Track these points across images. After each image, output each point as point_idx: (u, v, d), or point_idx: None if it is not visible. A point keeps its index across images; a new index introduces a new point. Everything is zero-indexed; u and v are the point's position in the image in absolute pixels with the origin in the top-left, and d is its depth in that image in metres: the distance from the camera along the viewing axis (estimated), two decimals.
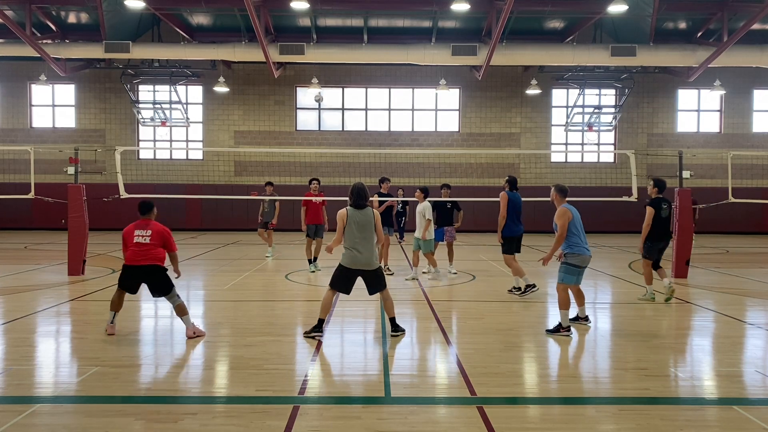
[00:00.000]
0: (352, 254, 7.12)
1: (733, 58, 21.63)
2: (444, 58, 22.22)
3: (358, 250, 7.10)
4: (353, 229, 7.12)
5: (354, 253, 7.11)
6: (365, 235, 7.12)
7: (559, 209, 7.78)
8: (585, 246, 7.66)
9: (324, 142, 26.95)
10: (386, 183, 13.50)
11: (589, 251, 7.69)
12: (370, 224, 7.17)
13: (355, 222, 7.13)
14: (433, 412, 4.98)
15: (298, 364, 6.30)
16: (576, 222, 7.67)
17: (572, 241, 7.61)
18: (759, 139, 27.08)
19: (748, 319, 8.67)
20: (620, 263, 15.29)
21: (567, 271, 7.61)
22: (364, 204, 7.24)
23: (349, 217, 7.14)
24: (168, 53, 23.16)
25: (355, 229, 7.11)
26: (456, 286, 11.50)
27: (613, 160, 26.99)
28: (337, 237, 7.20)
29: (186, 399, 5.21)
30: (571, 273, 7.61)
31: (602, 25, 24.31)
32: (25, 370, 5.99)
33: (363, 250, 7.11)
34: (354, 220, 7.13)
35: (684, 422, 4.73)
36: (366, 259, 7.13)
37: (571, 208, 7.79)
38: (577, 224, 7.68)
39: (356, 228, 7.11)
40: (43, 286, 10.98)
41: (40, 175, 15.70)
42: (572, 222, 7.63)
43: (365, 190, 7.29)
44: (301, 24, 24.03)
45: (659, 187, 9.92)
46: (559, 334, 7.42)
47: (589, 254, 7.68)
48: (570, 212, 7.68)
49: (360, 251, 7.10)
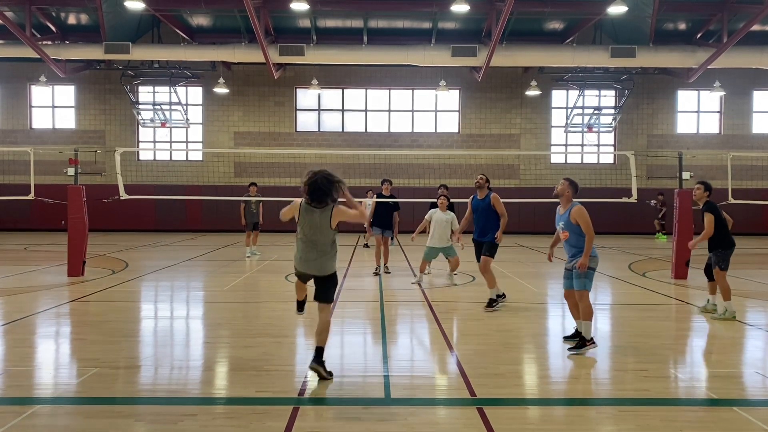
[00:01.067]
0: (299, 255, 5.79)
1: (733, 59, 21.64)
2: (444, 60, 22.23)
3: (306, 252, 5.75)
4: (305, 227, 5.75)
5: (302, 255, 5.77)
6: (317, 238, 5.72)
7: (580, 208, 6.87)
8: (595, 247, 6.98)
9: (324, 143, 26.96)
10: (387, 185, 13.45)
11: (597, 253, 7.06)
12: (326, 226, 5.70)
13: (307, 221, 5.73)
14: (433, 413, 4.98)
15: (298, 365, 6.30)
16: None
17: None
18: (759, 140, 27.08)
19: (748, 320, 8.67)
20: (620, 264, 15.29)
21: (589, 277, 6.84)
22: (324, 201, 5.70)
23: (301, 212, 5.76)
24: (168, 54, 23.17)
25: (307, 228, 5.73)
26: (456, 287, 11.50)
27: (613, 161, 27.00)
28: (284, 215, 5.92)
29: (186, 400, 5.21)
30: (592, 278, 6.90)
31: (602, 27, 24.31)
32: (25, 371, 5.98)
33: (312, 255, 5.73)
34: (306, 217, 5.73)
35: (684, 423, 4.73)
36: (316, 265, 5.77)
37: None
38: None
39: (308, 227, 5.73)
40: (43, 287, 10.98)
41: (39, 176, 15.71)
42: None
43: (328, 182, 5.68)
44: (301, 25, 24.05)
45: (710, 190, 9.09)
46: (586, 348, 6.64)
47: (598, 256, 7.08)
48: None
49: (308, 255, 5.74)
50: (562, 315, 9.21)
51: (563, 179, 7.30)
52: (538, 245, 19.92)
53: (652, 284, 11.91)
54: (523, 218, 25.72)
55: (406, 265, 14.58)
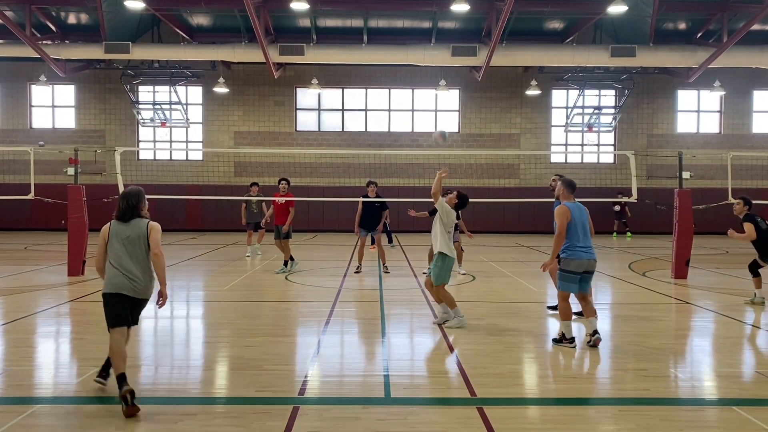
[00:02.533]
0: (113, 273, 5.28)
1: (733, 58, 21.64)
2: (444, 59, 22.23)
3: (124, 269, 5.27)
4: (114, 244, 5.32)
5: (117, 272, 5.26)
6: (133, 251, 5.31)
7: (560, 208, 7.00)
8: (583, 249, 6.87)
9: (324, 142, 26.96)
10: (372, 186, 13.28)
11: (588, 254, 6.90)
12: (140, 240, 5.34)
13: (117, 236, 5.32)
14: (433, 412, 4.98)
15: (298, 364, 6.31)
16: (576, 222, 6.91)
17: (567, 244, 6.91)
18: (759, 139, 27.07)
19: (748, 319, 8.67)
20: (620, 264, 15.29)
21: (562, 278, 6.96)
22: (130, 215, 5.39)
23: (111, 232, 5.36)
24: (168, 54, 23.16)
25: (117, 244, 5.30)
26: (456, 286, 11.50)
27: (613, 161, 26.99)
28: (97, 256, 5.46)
29: (186, 400, 5.21)
30: (567, 280, 6.91)
31: (602, 26, 24.30)
32: (25, 370, 5.99)
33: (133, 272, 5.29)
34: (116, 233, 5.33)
35: (684, 423, 4.73)
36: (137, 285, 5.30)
37: (573, 206, 7.02)
38: (578, 225, 6.91)
39: (119, 243, 5.30)
40: (43, 286, 10.98)
41: (39, 175, 15.70)
42: (571, 222, 6.89)
43: (136, 197, 5.47)
44: (301, 24, 24.04)
45: (749, 204, 9.95)
46: (562, 345, 6.89)
47: (587, 258, 6.89)
48: (570, 211, 6.92)
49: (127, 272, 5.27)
50: None
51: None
52: (538, 245, 19.92)
53: (652, 284, 11.92)
54: (523, 218, 25.75)
55: (407, 264, 14.59)
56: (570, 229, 6.90)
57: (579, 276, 6.91)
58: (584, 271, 6.94)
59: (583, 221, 7.03)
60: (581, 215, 7.04)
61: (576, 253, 6.85)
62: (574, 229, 6.92)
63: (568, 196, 7.15)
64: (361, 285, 11.56)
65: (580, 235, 6.94)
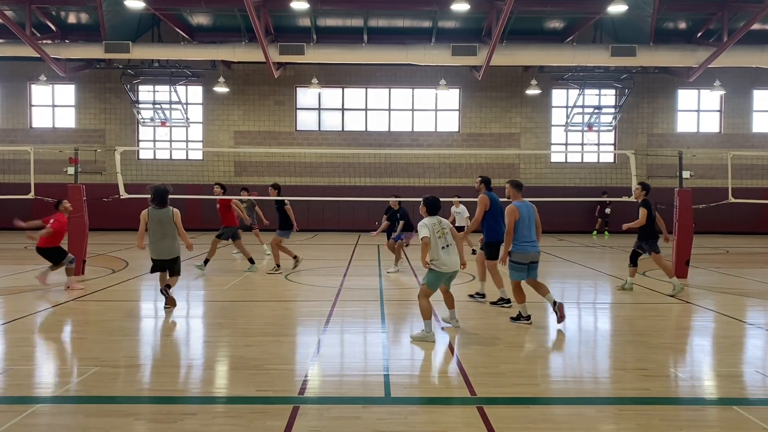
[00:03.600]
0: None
1: (733, 58, 21.63)
2: (444, 59, 22.22)
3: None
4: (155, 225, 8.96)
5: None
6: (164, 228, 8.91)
7: (509, 206, 8.11)
8: (529, 243, 7.96)
9: (324, 142, 26.95)
10: (394, 200, 13.63)
11: (532, 248, 7.98)
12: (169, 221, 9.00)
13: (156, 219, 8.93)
14: (433, 412, 4.98)
15: (298, 364, 6.31)
16: (523, 219, 7.98)
17: (515, 238, 7.97)
18: (759, 139, 27.07)
19: (748, 319, 8.67)
20: (620, 263, 15.27)
21: (512, 268, 8.04)
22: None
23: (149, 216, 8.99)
24: (168, 53, 23.16)
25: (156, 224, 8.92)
26: (456, 286, 11.48)
27: (613, 161, 26.98)
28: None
29: (186, 399, 5.21)
30: (515, 269, 8.00)
31: (602, 26, 24.31)
32: (25, 370, 5.99)
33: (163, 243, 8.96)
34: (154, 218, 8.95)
35: (684, 422, 4.73)
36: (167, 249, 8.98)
37: (521, 205, 8.13)
38: (524, 221, 7.99)
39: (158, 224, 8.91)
40: (43, 286, 10.97)
41: (40, 175, 15.71)
42: (519, 220, 7.96)
43: (166, 192, 9.11)
44: (301, 24, 24.04)
45: (648, 190, 10.75)
46: (519, 322, 8.00)
47: (532, 251, 7.98)
48: (518, 210, 8.02)
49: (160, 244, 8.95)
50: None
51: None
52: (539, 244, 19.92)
53: (653, 283, 11.92)
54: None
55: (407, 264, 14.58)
56: (518, 225, 7.99)
57: (526, 266, 8.01)
58: (530, 262, 8.03)
59: (530, 218, 8.10)
60: (528, 213, 8.11)
61: (523, 246, 7.96)
62: (522, 224, 8.00)
63: (516, 195, 8.30)
64: (361, 285, 11.56)
65: (528, 230, 8.03)
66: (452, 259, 7.21)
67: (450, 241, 7.27)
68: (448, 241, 7.25)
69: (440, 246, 7.15)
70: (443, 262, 7.14)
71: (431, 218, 7.33)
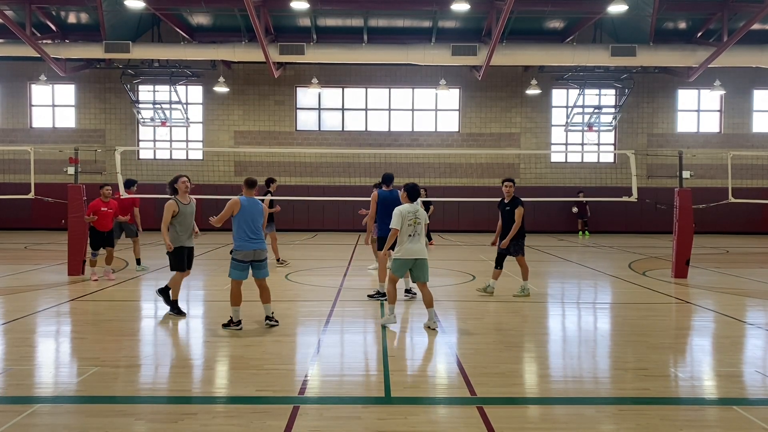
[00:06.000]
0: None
1: (733, 58, 21.63)
2: (444, 58, 22.22)
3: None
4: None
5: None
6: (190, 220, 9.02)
7: (232, 200, 7.70)
8: (248, 241, 7.61)
9: (324, 142, 26.95)
10: (273, 183, 14.20)
11: (252, 245, 7.62)
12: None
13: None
14: (433, 412, 4.98)
15: (298, 364, 6.31)
16: (246, 217, 7.64)
17: (236, 236, 7.68)
18: (759, 139, 27.06)
19: (748, 319, 8.67)
20: (620, 263, 15.28)
21: (232, 266, 7.72)
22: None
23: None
24: (168, 53, 23.16)
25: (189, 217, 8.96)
26: (456, 286, 11.50)
27: (613, 161, 26.97)
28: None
29: (186, 399, 5.21)
30: (235, 268, 7.65)
31: (602, 25, 24.30)
32: (25, 370, 5.98)
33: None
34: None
35: (684, 422, 4.73)
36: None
37: (249, 199, 7.77)
38: (246, 218, 7.64)
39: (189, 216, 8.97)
40: (43, 286, 10.98)
41: (40, 175, 15.71)
42: (238, 215, 7.61)
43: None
44: (301, 24, 24.03)
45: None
46: (230, 328, 7.58)
47: (251, 248, 7.62)
48: (240, 205, 7.63)
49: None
50: (561, 314, 9.22)
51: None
52: (538, 244, 19.93)
53: (653, 283, 11.91)
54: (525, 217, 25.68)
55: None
56: (239, 223, 7.63)
57: (246, 264, 7.66)
58: (251, 260, 7.68)
59: (253, 215, 7.70)
60: (250, 209, 7.68)
61: (243, 244, 7.63)
62: (242, 222, 7.63)
63: (249, 192, 7.87)
64: (361, 285, 11.55)
65: (249, 227, 7.66)
66: (415, 247, 7.71)
67: (419, 231, 7.75)
68: (417, 230, 7.74)
69: (407, 234, 7.68)
70: (407, 249, 7.67)
71: (409, 205, 7.81)
